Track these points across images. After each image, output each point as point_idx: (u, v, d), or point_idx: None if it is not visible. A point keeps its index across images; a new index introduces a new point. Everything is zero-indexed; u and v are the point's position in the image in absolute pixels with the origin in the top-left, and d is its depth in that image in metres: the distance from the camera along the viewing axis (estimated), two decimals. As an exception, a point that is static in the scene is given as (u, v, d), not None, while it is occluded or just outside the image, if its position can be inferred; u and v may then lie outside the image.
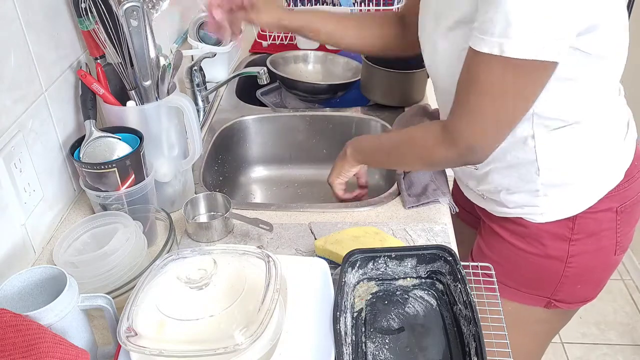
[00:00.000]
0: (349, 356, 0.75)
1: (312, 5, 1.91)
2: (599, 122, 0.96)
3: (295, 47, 1.75)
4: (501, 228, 1.10)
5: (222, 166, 1.42)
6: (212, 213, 1.10)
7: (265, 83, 1.40)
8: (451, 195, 1.13)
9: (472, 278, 0.91)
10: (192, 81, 1.43)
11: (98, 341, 0.83)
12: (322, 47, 1.75)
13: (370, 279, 0.88)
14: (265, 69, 1.38)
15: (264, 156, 1.52)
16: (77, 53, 1.10)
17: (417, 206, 1.10)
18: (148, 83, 1.02)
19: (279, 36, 1.85)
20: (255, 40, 1.83)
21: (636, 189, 1.04)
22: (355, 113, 1.46)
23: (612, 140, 1.00)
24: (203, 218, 1.10)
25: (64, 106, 1.06)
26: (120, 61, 1.02)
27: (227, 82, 1.50)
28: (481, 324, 0.75)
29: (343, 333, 0.75)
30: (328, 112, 1.48)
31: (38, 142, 0.98)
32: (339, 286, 0.80)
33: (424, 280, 0.88)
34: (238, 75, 1.44)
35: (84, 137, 1.00)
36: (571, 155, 0.97)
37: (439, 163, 1.01)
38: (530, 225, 1.04)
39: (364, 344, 0.80)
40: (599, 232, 1.04)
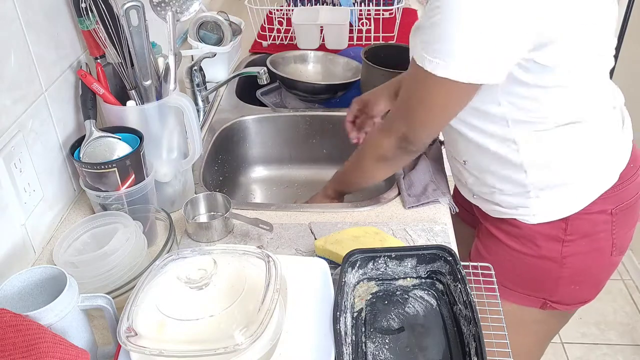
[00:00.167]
0: (349, 356, 0.75)
1: (312, 5, 1.91)
2: (586, 126, 0.96)
3: (295, 47, 1.75)
4: (497, 229, 1.10)
5: (222, 166, 1.42)
6: (212, 213, 1.10)
7: (265, 83, 1.40)
8: (451, 195, 1.13)
9: (472, 278, 0.91)
10: (192, 81, 1.43)
11: (98, 341, 0.83)
12: (322, 47, 1.75)
13: (370, 279, 0.88)
14: (265, 69, 1.38)
15: (264, 156, 1.52)
16: (77, 53, 1.10)
17: (417, 206, 1.10)
18: (148, 83, 1.02)
19: (279, 36, 1.85)
20: (255, 40, 1.83)
21: (632, 192, 1.04)
22: (355, 113, 1.46)
23: (603, 143, 1.00)
24: (203, 218, 1.10)
25: (64, 106, 1.06)
26: (120, 61, 1.02)
27: (227, 82, 1.50)
28: (481, 324, 0.75)
29: (343, 333, 0.75)
30: (328, 112, 1.48)
31: (38, 142, 0.98)
32: (339, 286, 0.80)
33: (424, 280, 0.88)
34: (238, 75, 1.44)
35: (84, 137, 1.00)
36: (559, 157, 0.98)
37: (386, 154, 1.03)
38: (523, 226, 1.05)
39: (364, 344, 0.80)
40: (593, 234, 1.04)
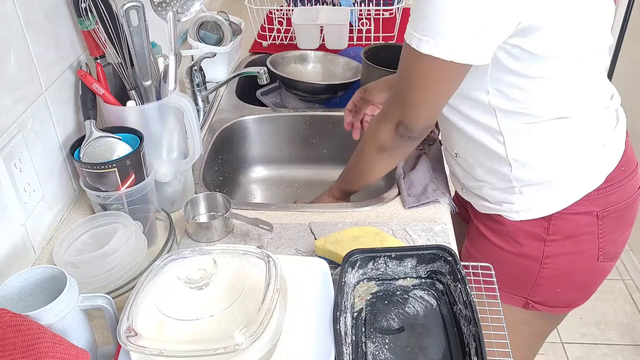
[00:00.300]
0: (349, 356, 0.75)
1: (312, 5, 1.91)
2: (574, 123, 0.96)
3: (295, 47, 1.75)
4: (484, 226, 1.11)
5: (222, 166, 1.42)
6: (212, 213, 1.10)
7: (265, 83, 1.40)
8: (451, 195, 1.13)
9: (472, 278, 0.91)
10: (192, 81, 1.43)
11: (98, 341, 0.83)
12: (322, 47, 1.75)
13: (370, 279, 0.88)
14: (265, 69, 1.38)
15: (264, 156, 1.52)
16: (77, 53, 1.10)
17: (417, 206, 1.10)
18: (148, 83, 1.02)
19: (279, 36, 1.85)
20: (255, 40, 1.83)
21: (621, 196, 1.03)
22: (355, 113, 1.46)
23: (590, 143, 0.99)
24: (203, 218, 1.10)
25: (64, 106, 1.06)
26: (120, 61, 1.02)
27: (227, 82, 1.50)
28: (481, 324, 0.75)
29: (343, 333, 0.75)
30: (328, 112, 1.48)
31: (38, 142, 0.98)
32: (339, 286, 0.80)
33: (424, 280, 0.88)
34: (238, 75, 1.44)
35: (84, 137, 1.00)
36: (543, 152, 0.98)
37: (385, 143, 1.02)
38: (507, 223, 1.05)
39: (364, 344, 0.80)
40: (577, 235, 1.03)
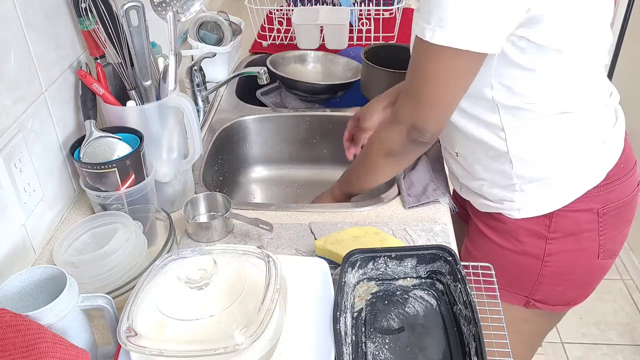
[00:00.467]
0: (349, 356, 0.75)
1: (312, 5, 1.91)
2: (575, 119, 0.96)
3: (295, 47, 1.75)
4: (484, 225, 1.10)
5: (222, 166, 1.42)
6: (212, 213, 1.10)
7: (265, 83, 1.40)
8: (451, 195, 1.13)
9: (472, 278, 0.91)
10: (192, 81, 1.43)
11: (98, 341, 0.83)
12: (322, 47, 1.75)
13: (370, 279, 0.88)
14: (265, 69, 1.38)
15: (264, 156, 1.52)
16: (77, 53, 1.10)
17: (417, 206, 1.10)
18: (148, 83, 1.02)
19: (279, 36, 1.85)
20: (255, 40, 1.83)
21: (621, 193, 1.03)
22: (355, 113, 1.46)
23: (591, 139, 0.99)
24: (203, 218, 1.10)
25: (64, 106, 1.06)
26: (120, 61, 1.02)
27: (227, 82, 1.50)
28: (481, 324, 0.75)
29: (343, 333, 0.75)
30: (328, 112, 1.48)
31: (38, 142, 0.98)
32: (339, 286, 0.80)
33: (424, 280, 0.88)
34: (238, 75, 1.44)
35: (84, 137, 1.00)
36: (545, 149, 0.98)
37: (394, 148, 1.01)
38: (508, 221, 1.05)
39: (364, 344, 0.80)
40: (578, 233, 1.03)
